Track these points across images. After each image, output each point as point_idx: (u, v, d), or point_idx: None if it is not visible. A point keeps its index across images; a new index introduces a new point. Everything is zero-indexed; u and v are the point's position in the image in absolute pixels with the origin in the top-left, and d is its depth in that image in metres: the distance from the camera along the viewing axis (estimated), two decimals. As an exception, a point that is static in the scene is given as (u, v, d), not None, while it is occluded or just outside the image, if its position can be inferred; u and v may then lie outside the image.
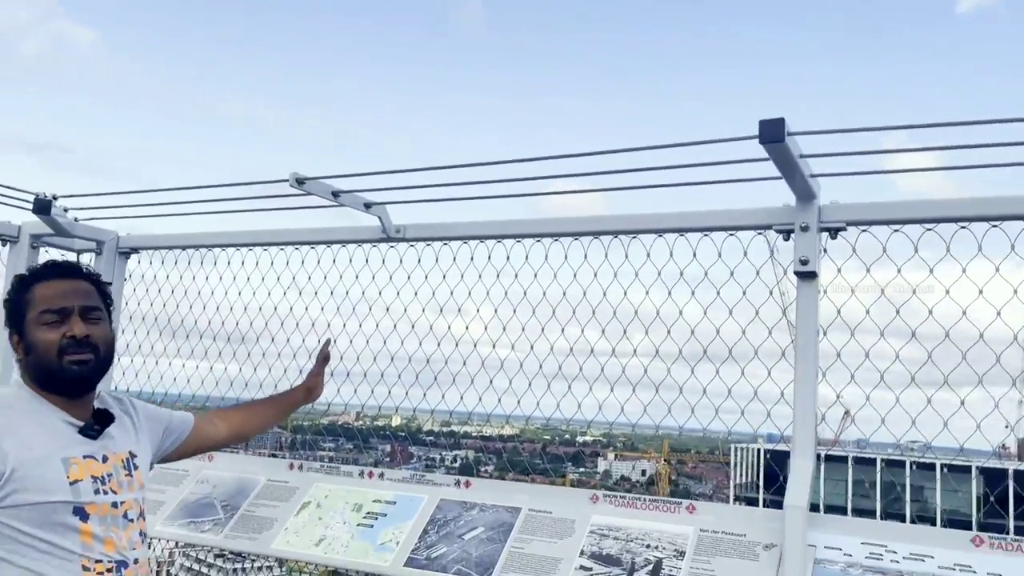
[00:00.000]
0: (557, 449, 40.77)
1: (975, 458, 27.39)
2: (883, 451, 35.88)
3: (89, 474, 1.88)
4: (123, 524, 1.92)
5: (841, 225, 2.46)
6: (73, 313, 1.92)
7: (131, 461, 2.04)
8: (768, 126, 2.04)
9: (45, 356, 1.89)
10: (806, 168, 2.30)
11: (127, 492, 1.96)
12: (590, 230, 2.84)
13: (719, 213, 2.66)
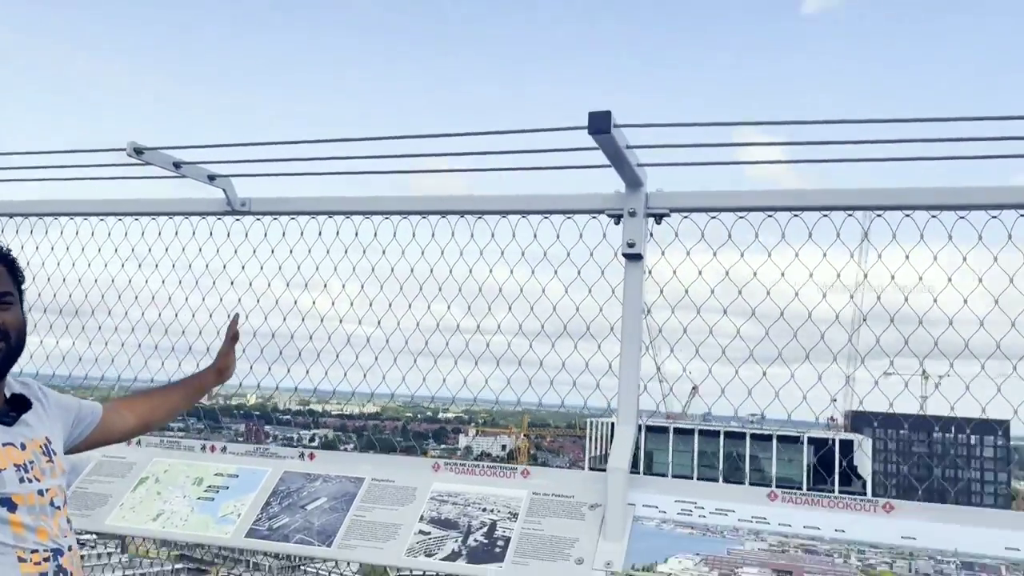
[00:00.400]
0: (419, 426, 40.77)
1: (806, 429, 29.58)
2: (726, 424, 38.44)
3: (11, 462, 1.80)
4: (51, 512, 1.86)
5: (665, 211, 2.66)
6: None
7: (49, 447, 1.95)
8: (596, 118, 2.19)
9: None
10: (633, 157, 2.48)
11: (50, 479, 1.89)
12: (442, 209, 2.93)
13: (557, 197, 2.81)
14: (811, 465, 34.60)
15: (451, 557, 2.48)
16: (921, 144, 2.38)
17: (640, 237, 2.63)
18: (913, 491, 2.89)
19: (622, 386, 2.63)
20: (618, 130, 2.30)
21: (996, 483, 60.52)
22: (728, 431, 38.08)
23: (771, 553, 2.34)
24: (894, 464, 45.13)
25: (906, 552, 2.29)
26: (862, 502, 2.41)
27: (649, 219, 2.69)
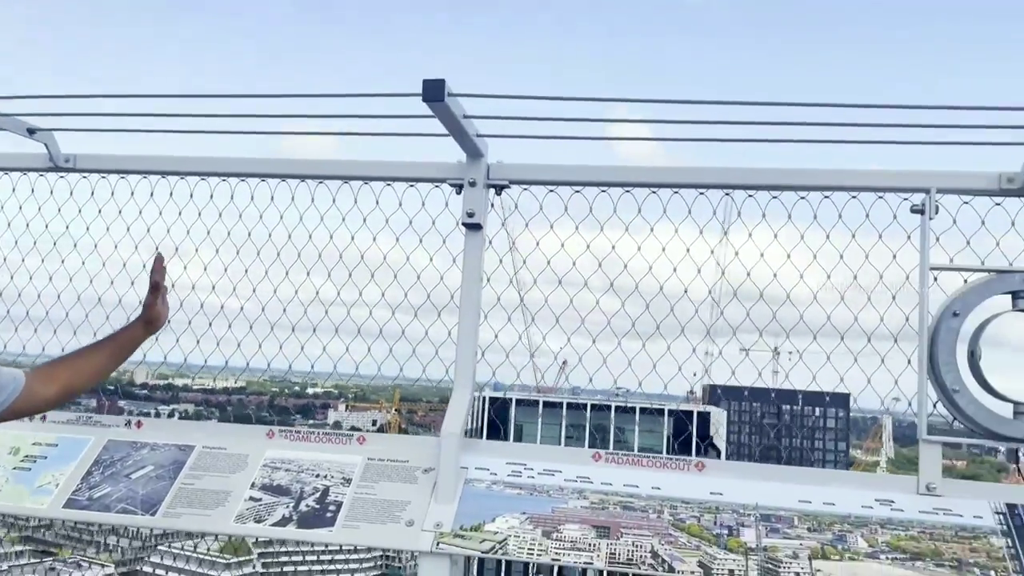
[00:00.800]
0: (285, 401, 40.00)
1: (668, 402, 30.84)
2: (593, 397, 39.45)
3: None
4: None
5: (505, 183, 2.72)
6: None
7: None
8: (430, 86, 2.20)
9: None
10: (472, 128, 2.52)
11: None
12: (281, 173, 2.88)
13: (399, 165, 2.82)
14: (671, 436, 36.21)
15: (281, 522, 2.47)
16: (780, 127, 2.52)
17: (480, 207, 2.67)
18: (765, 460, 3.06)
19: (459, 354, 2.68)
20: (454, 99, 2.33)
21: (836, 452, 65.53)
22: (595, 404, 39.25)
23: (592, 510, 2.46)
24: (747, 435, 47.94)
25: (713, 507, 2.46)
26: (677, 461, 2.57)
27: (490, 190, 2.74)
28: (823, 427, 68.02)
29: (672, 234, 2.80)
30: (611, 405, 38.19)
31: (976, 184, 2.51)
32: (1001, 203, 2.55)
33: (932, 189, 2.50)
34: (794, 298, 2.71)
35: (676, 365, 2.73)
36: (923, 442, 2.44)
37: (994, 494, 2.41)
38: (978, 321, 2.45)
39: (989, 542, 2.30)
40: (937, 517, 2.38)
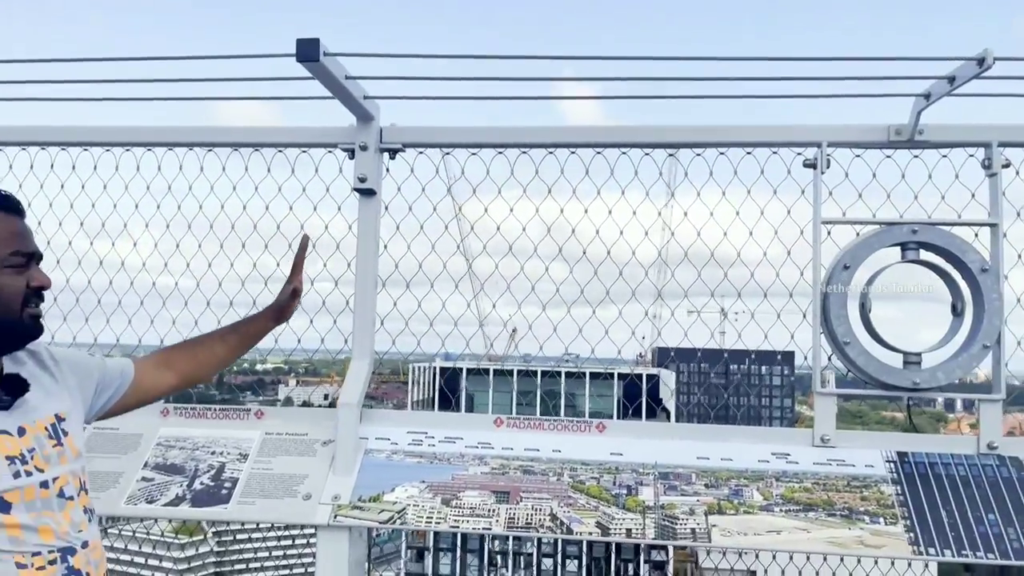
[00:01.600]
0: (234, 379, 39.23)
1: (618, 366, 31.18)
2: (545, 364, 39.77)
3: (2, 455, 1.52)
4: (59, 505, 1.58)
5: (398, 146, 2.65)
6: (34, 259, 1.64)
7: (58, 427, 1.66)
8: (304, 45, 2.11)
9: (7, 304, 1.58)
10: (357, 89, 2.44)
11: (58, 466, 1.60)
12: (168, 141, 2.77)
13: (292, 130, 2.72)
14: (620, 399, 36.71)
15: (175, 502, 2.41)
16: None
17: (373, 172, 2.60)
18: (715, 420, 3.06)
19: (356, 323, 2.62)
20: (334, 59, 2.25)
21: (783, 408, 67.20)
22: (545, 370, 39.51)
23: (492, 476, 2.45)
24: (695, 395, 48.73)
25: (613, 467, 2.46)
26: (579, 423, 2.57)
27: (384, 154, 2.67)
28: (770, 385, 69.62)
29: (618, 196, 2.76)
30: (561, 371, 38.69)
31: (866, 137, 2.52)
32: (892, 155, 2.57)
33: (823, 143, 2.51)
34: (729, 258, 2.71)
35: (626, 329, 2.74)
36: (817, 395, 2.47)
37: (886, 443, 2.46)
38: (869, 273, 2.47)
39: (880, 490, 2.34)
40: (831, 468, 2.42)
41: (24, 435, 1.56)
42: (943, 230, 2.43)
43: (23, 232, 1.62)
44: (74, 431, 1.69)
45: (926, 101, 2.37)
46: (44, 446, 1.59)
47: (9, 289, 1.56)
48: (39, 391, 1.65)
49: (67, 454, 1.63)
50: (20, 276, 1.58)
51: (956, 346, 2.43)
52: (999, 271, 2.40)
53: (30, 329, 1.61)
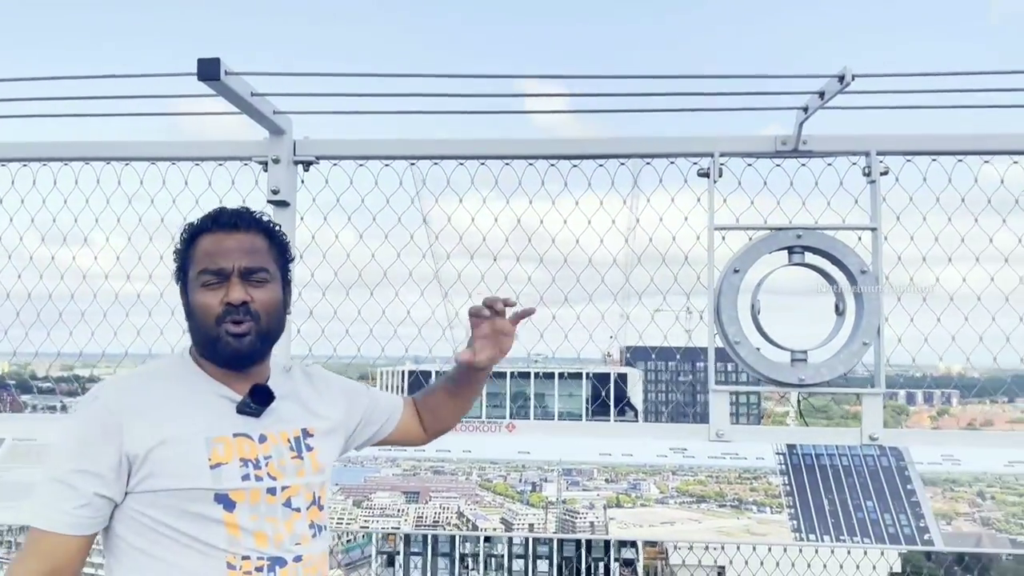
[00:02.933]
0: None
1: (587, 365, 31.26)
2: (514, 365, 39.98)
3: (238, 456, 1.55)
4: (284, 514, 1.58)
5: (312, 159, 2.75)
6: (232, 275, 1.60)
7: (302, 440, 1.67)
8: (204, 65, 2.20)
9: (203, 321, 1.60)
10: (265, 105, 2.53)
11: (293, 477, 1.61)
12: (82, 156, 2.84)
13: (208, 144, 2.80)
14: (589, 399, 36.92)
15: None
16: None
17: (287, 184, 2.69)
18: (681, 417, 3.19)
19: (273, 331, 2.70)
20: (238, 78, 2.34)
21: (749, 404, 68.15)
22: (514, 371, 39.72)
23: (403, 477, 2.55)
24: (663, 393, 49.10)
25: (520, 465, 2.58)
26: (490, 423, 2.68)
27: (298, 166, 2.76)
28: (736, 381, 70.28)
29: (581, 203, 2.86)
30: (531, 372, 38.87)
31: (755, 147, 2.67)
32: (781, 164, 2.71)
33: (716, 153, 2.64)
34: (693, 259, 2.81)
35: (592, 329, 2.83)
36: (712, 392, 2.60)
37: (775, 437, 2.60)
38: (759, 276, 2.62)
39: (768, 481, 2.48)
40: (724, 461, 2.55)
41: (264, 442, 1.59)
42: (826, 234, 2.58)
43: (217, 250, 1.60)
44: (321, 448, 1.67)
45: (804, 113, 2.52)
46: (283, 456, 1.60)
47: (202, 308, 1.59)
48: (293, 404, 1.68)
49: (306, 468, 1.62)
50: (213, 293, 1.59)
51: (839, 343, 2.57)
52: (878, 273, 2.55)
53: (229, 346, 1.58)
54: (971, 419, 12.74)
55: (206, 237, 1.61)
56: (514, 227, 2.88)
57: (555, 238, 2.84)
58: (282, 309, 1.65)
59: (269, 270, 1.62)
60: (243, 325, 1.56)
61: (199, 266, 1.59)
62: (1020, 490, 2.45)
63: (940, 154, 2.63)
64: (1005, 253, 2.69)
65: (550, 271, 2.86)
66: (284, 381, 1.68)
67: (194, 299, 1.59)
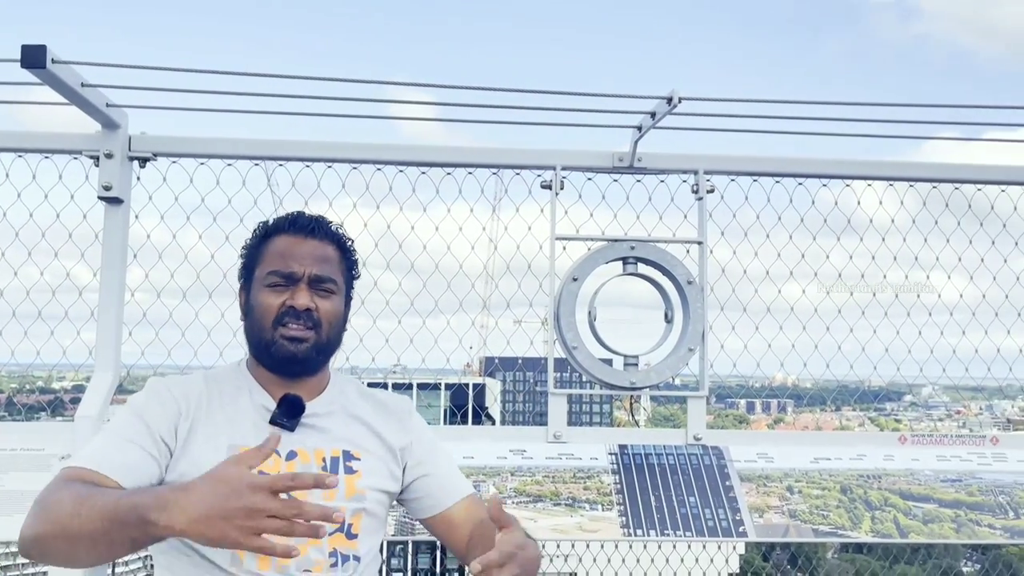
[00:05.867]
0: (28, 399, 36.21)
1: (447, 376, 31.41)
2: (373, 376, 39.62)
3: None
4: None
5: (148, 155, 2.65)
6: (302, 280, 1.56)
7: (342, 462, 1.55)
8: (29, 52, 2.09)
9: (260, 322, 1.56)
10: (96, 97, 2.42)
11: (317, 498, 1.41)
12: None
13: (32, 135, 2.65)
14: (448, 408, 36.99)
15: None
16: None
17: (120, 180, 2.58)
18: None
19: (100, 336, 2.58)
20: (68, 67, 2.23)
21: (602, 413, 70.60)
22: (371, 382, 39.25)
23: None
24: (521, 403, 49.93)
25: (361, 469, 2.57)
26: (330, 429, 2.66)
27: (133, 162, 2.66)
28: (590, 392, 72.62)
29: (434, 212, 2.87)
30: (387, 383, 38.52)
31: (594, 162, 2.80)
32: (618, 179, 2.86)
33: (557, 166, 2.75)
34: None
35: (455, 339, 2.87)
36: (551, 395, 2.70)
37: (609, 438, 2.72)
38: (595, 285, 2.74)
39: (601, 480, 2.60)
40: (561, 462, 2.65)
41: (292, 460, 1.50)
42: (657, 246, 2.74)
43: (290, 252, 1.57)
44: (368, 474, 1.55)
45: (639, 132, 2.67)
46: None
47: (263, 307, 1.55)
48: (343, 422, 1.59)
49: (337, 491, 1.49)
50: (276, 294, 1.55)
51: (668, 349, 2.74)
52: (704, 284, 2.74)
53: (284, 350, 1.53)
54: (803, 427, 13.73)
55: (281, 238, 1.59)
56: (361, 231, 2.88)
57: (416, 253, 2.88)
58: (343, 323, 1.64)
59: (337, 282, 1.60)
60: (303, 330, 1.53)
61: (269, 266, 1.57)
62: (822, 484, 2.69)
63: (760, 175, 2.85)
64: (815, 268, 2.95)
65: (420, 278, 2.90)
66: (336, 396, 1.62)
67: (256, 298, 1.56)
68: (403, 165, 2.81)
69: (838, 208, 2.95)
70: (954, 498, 2.69)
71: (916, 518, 2.64)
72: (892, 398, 7.26)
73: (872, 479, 2.71)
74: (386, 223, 2.84)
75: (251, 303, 1.58)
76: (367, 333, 2.88)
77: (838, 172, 2.87)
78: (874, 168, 2.90)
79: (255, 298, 1.57)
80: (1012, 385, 3.16)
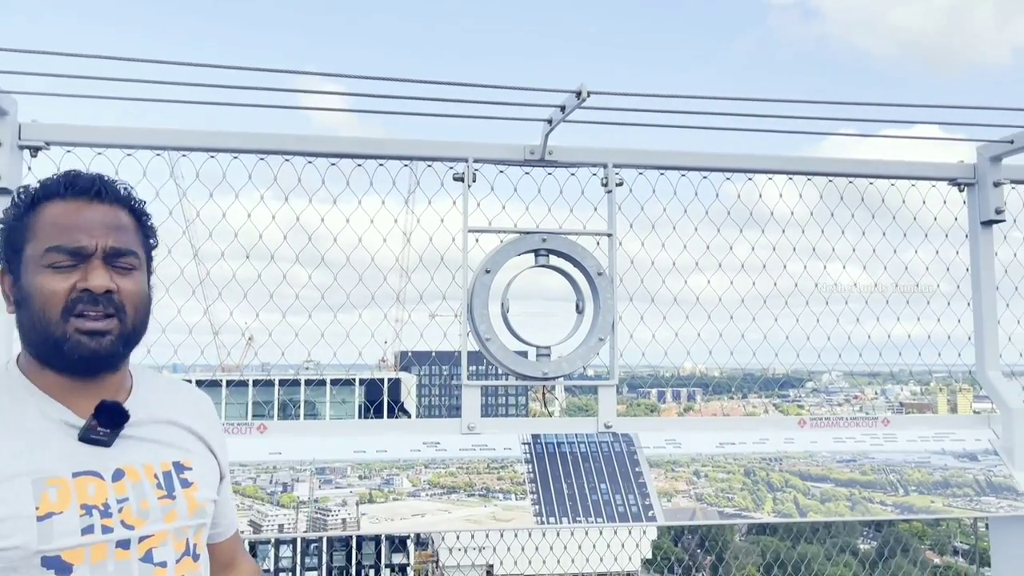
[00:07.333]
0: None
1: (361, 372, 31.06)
2: (284, 372, 38.87)
3: (77, 502, 1.18)
4: (142, 572, 1.22)
5: (41, 144, 2.53)
6: (94, 255, 1.24)
7: (175, 475, 1.30)
8: (-95, 32, 1.96)
9: (43, 315, 1.22)
10: (-15, 83, 2.30)
11: (159, 522, 1.25)
12: None
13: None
14: (363, 404, 36.58)
15: None
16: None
17: (9, 171, 2.46)
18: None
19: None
20: (-51, 52, 2.11)
21: (518, 405, 71.09)
22: (283, 379, 38.47)
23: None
24: (436, 397, 49.79)
25: (271, 466, 2.53)
26: (240, 425, 2.60)
27: (24, 151, 2.53)
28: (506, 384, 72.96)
29: (346, 204, 2.82)
30: (301, 379, 37.82)
31: (506, 155, 2.81)
32: (529, 172, 2.89)
33: (470, 159, 2.76)
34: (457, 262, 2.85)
35: (368, 334, 2.82)
36: (464, 387, 2.71)
37: (522, 427, 2.75)
38: (508, 277, 2.76)
39: (514, 470, 2.63)
40: (475, 453, 2.67)
41: (120, 479, 1.24)
42: (568, 239, 2.78)
43: (73, 223, 1.24)
44: (202, 484, 1.34)
45: (549, 125, 2.70)
46: (145, 496, 1.25)
47: (44, 295, 1.21)
48: (163, 427, 1.34)
49: (179, 509, 1.28)
50: (62, 277, 1.22)
51: (579, 340, 2.79)
52: (613, 275, 2.79)
53: (80, 349, 1.23)
54: (712, 414, 14.21)
55: (56, 205, 1.26)
56: (269, 224, 2.82)
57: (328, 247, 2.84)
58: (149, 305, 1.33)
59: (138, 255, 1.31)
60: (104, 321, 1.23)
61: (46, 241, 1.23)
62: (727, 468, 2.78)
63: (667, 168, 2.93)
64: (720, 259, 3.05)
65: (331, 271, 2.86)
66: (149, 396, 1.35)
67: (33, 283, 1.22)
68: (312, 156, 2.77)
69: (740, 201, 3.06)
70: (849, 478, 2.83)
71: (814, 498, 2.76)
72: (795, 384, 7.57)
73: (774, 462, 2.82)
74: (295, 215, 2.80)
75: (25, 290, 1.23)
76: (276, 328, 2.83)
77: (740, 166, 2.97)
78: (774, 163, 3.01)
79: (31, 283, 1.23)
80: (904, 371, 3.34)
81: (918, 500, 2.78)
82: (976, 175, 3.09)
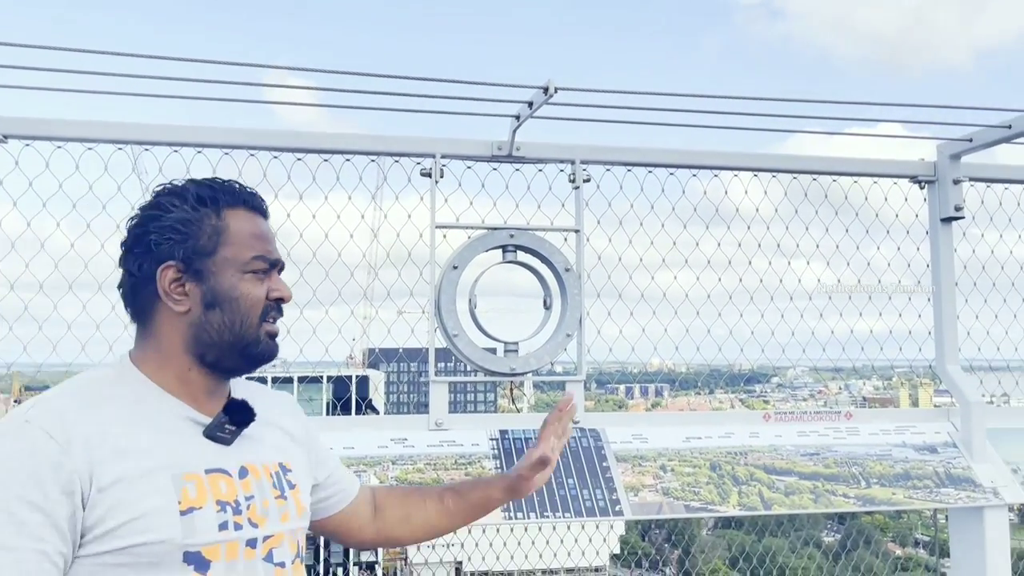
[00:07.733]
0: None
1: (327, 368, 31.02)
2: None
3: (214, 498, 1.20)
4: (265, 571, 1.25)
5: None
6: (276, 267, 1.38)
7: (283, 476, 1.34)
8: None
9: (246, 318, 1.30)
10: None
11: (277, 522, 1.28)
12: None
13: None
14: (331, 402, 36.38)
15: None
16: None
17: (-32, 165, 2.40)
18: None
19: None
20: (-100, 40, 2.05)
21: (487, 402, 71.31)
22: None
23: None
24: (405, 394, 49.57)
25: (236, 464, 2.49)
26: (203, 424, 2.56)
27: (-15, 146, 2.47)
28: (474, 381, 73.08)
29: (313, 200, 2.79)
30: (266, 377, 37.48)
31: (473, 151, 2.81)
32: (497, 168, 2.88)
33: (437, 154, 2.75)
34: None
35: (335, 330, 2.80)
36: (432, 383, 2.70)
37: (490, 423, 2.75)
38: (475, 274, 2.76)
39: (482, 465, 2.63)
40: (443, 449, 2.66)
41: (245, 477, 1.27)
42: (536, 235, 2.78)
43: (267, 235, 1.37)
44: (303, 486, 1.40)
45: (517, 121, 2.70)
46: (266, 495, 1.29)
47: (249, 298, 1.31)
48: (267, 428, 1.38)
49: (290, 511, 1.33)
50: (261, 285, 1.33)
51: (547, 335, 2.79)
52: (580, 271, 2.80)
53: (265, 347, 1.35)
54: (679, 409, 14.39)
55: (241, 213, 1.33)
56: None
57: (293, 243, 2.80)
58: None
59: None
60: (276, 325, 1.38)
61: (249, 249, 1.32)
62: (693, 462, 2.81)
63: (634, 165, 2.94)
64: (686, 255, 3.07)
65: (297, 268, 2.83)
66: (247, 397, 1.36)
67: (237, 287, 1.30)
68: (278, 151, 2.74)
69: (707, 197, 3.08)
70: (813, 471, 2.87)
71: (779, 491, 2.80)
72: (760, 380, 7.66)
73: (739, 455, 2.85)
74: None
75: (223, 293, 1.29)
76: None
77: (707, 163, 3.00)
78: (739, 160, 3.04)
79: (233, 287, 1.30)
80: (867, 365, 3.39)
81: (880, 492, 2.83)
82: (936, 173, 3.14)
